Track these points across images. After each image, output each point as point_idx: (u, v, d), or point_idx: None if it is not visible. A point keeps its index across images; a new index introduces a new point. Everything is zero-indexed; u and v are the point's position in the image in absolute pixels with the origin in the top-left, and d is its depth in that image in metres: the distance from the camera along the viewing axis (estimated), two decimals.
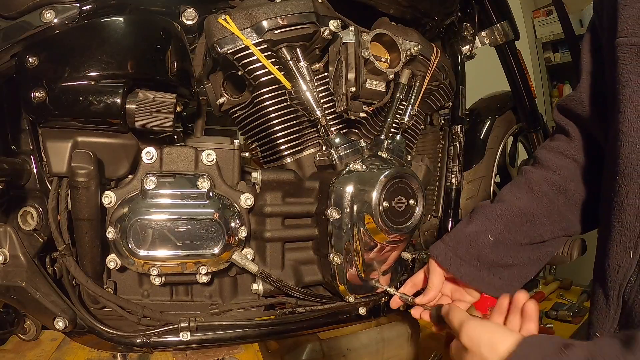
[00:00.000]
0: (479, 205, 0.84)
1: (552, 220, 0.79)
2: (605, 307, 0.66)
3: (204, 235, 0.80)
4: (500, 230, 0.78)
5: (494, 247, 0.77)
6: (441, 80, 1.13)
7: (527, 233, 0.78)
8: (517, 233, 0.78)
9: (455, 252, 0.79)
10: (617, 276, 0.63)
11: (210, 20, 0.90)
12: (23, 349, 1.54)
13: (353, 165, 0.88)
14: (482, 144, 1.37)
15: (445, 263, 0.79)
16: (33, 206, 0.83)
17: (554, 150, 0.82)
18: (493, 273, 0.78)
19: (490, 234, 0.78)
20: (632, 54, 0.59)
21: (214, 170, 0.84)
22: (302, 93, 0.90)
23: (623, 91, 0.60)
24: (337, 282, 0.90)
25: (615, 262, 0.63)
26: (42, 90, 0.74)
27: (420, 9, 1.10)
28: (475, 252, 0.78)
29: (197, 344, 0.87)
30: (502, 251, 0.78)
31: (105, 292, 0.83)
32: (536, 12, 3.00)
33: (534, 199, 0.79)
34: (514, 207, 0.79)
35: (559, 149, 0.81)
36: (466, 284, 0.79)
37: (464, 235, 0.80)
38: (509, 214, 0.79)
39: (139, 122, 0.77)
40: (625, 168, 0.61)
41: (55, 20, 0.76)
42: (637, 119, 0.59)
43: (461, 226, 0.82)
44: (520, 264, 0.79)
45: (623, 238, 0.62)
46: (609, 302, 0.65)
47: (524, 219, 0.78)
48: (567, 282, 2.30)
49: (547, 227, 0.79)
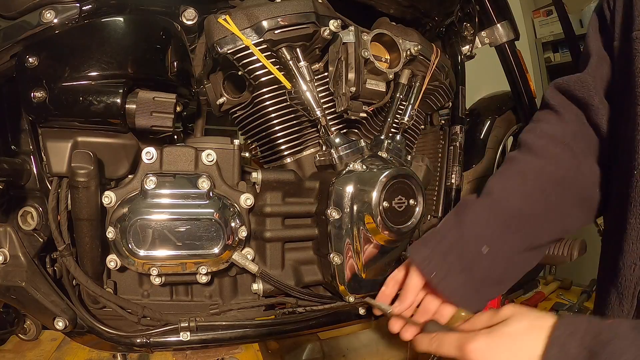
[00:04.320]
0: (467, 202, 0.73)
1: (550, 220, 0.71)
2: (619, 308, 0.62)
3: (204, 235, 0.80)
4: (496, 238, 0.68)
5: (488, 261, 0.68)
6: (441, 80, 1.13)
7: (524, 237, 0.70)
8: (514, 239, 0.69)
9: (442, 260, 0.69)
10: (633, 275, 0.60)
11: (210, 20, 0.90)
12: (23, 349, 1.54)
13: (353, 165, 0.88)
14: (482, 144, 1.37)
15: (428, 271, 0.69)
16: (33, 206, 0.83)
17: (545, 135, 0.73)
18: (477, 291, 0.69)
19: (486, 243, 0.68)
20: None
21: (214, 170, 0.84)
22: (302, 93, 0.90)
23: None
24: (337, 282, 0.90)
25: (630, 260, 0.60)
26: (42, 90, 0.74)
27: (420, 9, 1.10)
28: (466, 265, 0.68)
29: (197, 344, 0.87)
30: (496, 266, 0.69)
31: (105, 292, 0.83)
32: (536, 12, 3.00)
33: (528, 194, 0.70)
34: (508, 206, 0.70)
35: (552, 133, 0.73)
36: (447, 299, 0.69)
37: (453, 241, 0.69)
38: (503, 216, 0.69)
39: (139, 122, 0.77)
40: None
41: (55, 20, 0.76)
42: None
43: (449, 228, 0.72)
44: (506, 281, 0.71)
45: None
46: (623, 302, 0.62)
47: (521, 220, 0.69)
48: (567, 282, 2.30)
49: (545, 228, 0.71)
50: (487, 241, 0.68)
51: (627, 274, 0.61)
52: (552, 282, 2.32)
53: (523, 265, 0.72)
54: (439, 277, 0.68)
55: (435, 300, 0.72)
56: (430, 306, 0.72)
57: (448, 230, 0.72)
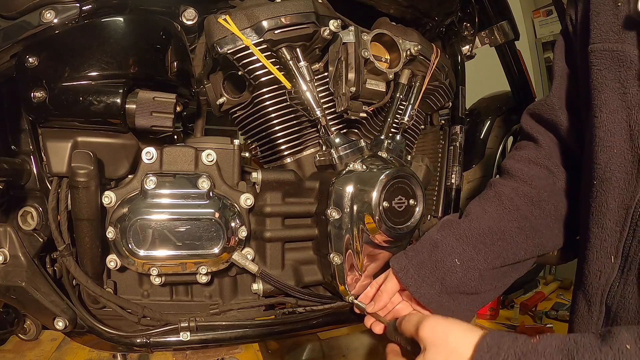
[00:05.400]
0: (447, 221, 0.81)
1: (525, 237, 0.75)
2: (588, 314, 0.64)
3: (204, 235, 0.80)
4: (469, 252, 0.75)
5: (460, 272, 0.74)
6: (441, 80, 1.13)
7: (498, 253, 0.75)
8: (487, 254, 0.74)
9: (418, 271, 0.76)
10: (599, 282, 0.62)
11: (210, 20, 0.90)
12: (23, 349, 1.54)
13: (353, 165, 0.88)
14: (482, 144, 1.37)
15: (405, 280, 0.77)
16: (33, 206, 0.83)
17: (523, 160, 0.79)
18: (453, 299, 0.75)
19: (458, 257, 0.75)
20: (606, 59, 0.59)
21: (214, 170, 0.84)
22: (302, 93, 0.90)
23: (599, 96, 0.60)
24: (337, 282, 0.90)
25: (596, 267, 0.62)
26: (42, 90, 0.74)
27: (420, 9, 1.10)
28: (439, 276, 0.75)
29: (197, 344, 0.87)
30: (469, 278, 0.75)
31: (105, 292, 0.83)
32: (536, 12, 3.00)
33: (504, 214, 0.76)
34: (482, 224, 0.75)
35: (528, 157, 0.78)
36: (423, 305, 0.77)
37: (429, 254, 0.77)
38: (477, 232, 0.75)
39: (139, 122, 0.77)
40: (603, 173, 0.60)
41: (55, 20, 0.76)
42: (613, 124, 0.59)
43: (427, 242, 0.79)
44: (484, 292, 0.76)
45: (604, 243, 0.61)
46: (592, 309, 0.63)
47: (494, 237, 0.75)
48: (567, 282, 2.30)
49: (520, 245, 0.75)
50: (458, 255, 0.75)
51: (593, 282, 0.63)
52: (552, 282, 2.32)
53: (501, 278, 0.77)
54: (415, 287, 0.76)
55: (409, 306, 0.81)
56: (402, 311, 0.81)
57: (426, 244, 0.79)
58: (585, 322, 0.65)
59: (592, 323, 0.64)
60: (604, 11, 0.60)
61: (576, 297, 0.68)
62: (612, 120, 0.59)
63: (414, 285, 0.76)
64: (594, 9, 0.61)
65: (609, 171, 0.59)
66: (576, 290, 0.69)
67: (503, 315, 1.99)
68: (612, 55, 0.58)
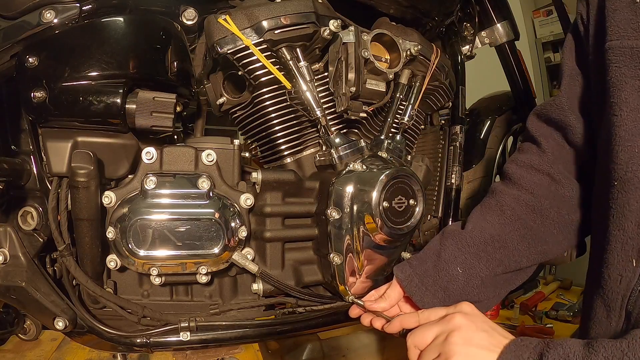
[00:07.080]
0: (449, 231, 0.81)
1: (527, 245, 0.75)
2: (606, 320, 0.62)
3: (204, 235, 0.80)
4: (470, 261, 0.75)
5: (462, 280, 0.75)
6: (441, 80, 1.13)
7: (500, 261, 0.75)
8: (489, 262, 0.75)
9: (421, 280, 0.77)
10: (620, 287, 0.59)
11: (210, 20, 0.90)
12: (23, 349, 1.54)
13: (353, 165, 0.88)
14: (482, 144, 1.37)
15: (409, 289, 0.77)
16: (33, 206, 0.83)
17: (525, 166, 0.78)
18: None
19: (460, 265, 0.75)
20: (625, 56, 0.58)
21: (214, 170, 0.84)
22: (302, 93, 0.90)
23: (618, 94, 0.59)
24: (337, 282, 0.90)
25: (616, 272, 0.60)
26: (42, 90, 0.74)
27: (420, 9, 1.10)
28: (442, 284, 0.76)
29: (197, 344, 0.87)
30: (471, 285, 0.75)
31: (105, 292, 0.83)
32: (536, 12, 3.00)
33: (505, 223, 0.76)
34: (484, 233, 0.76)
35: (531, 163, 0.78)
36: None
37: (432, 263, 0.78)
38: (479, 241, 0.76)
39: (139, 122, 0.77)
40: (624, 174, 0.58)
41: (55, 20, 0.76)
42: (634, 122, 0.57)
43: (431, 251, 0.80)
44: (487, 299, 0.77)
45: (625, 246, 0.58)
46: (611, 315, 0.61)
47: (496, 245, 0.75)
48: (567, 282, 2.30)
49: (522, 253, 0.76)
50: (460, 264, 0.75)
51: (613, 286, 0.60)
52: (552, 282, 2.32)
53: (503, 285, 0.78)
54: (419, 295, 0.77)
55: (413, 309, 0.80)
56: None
57: (429, 254, 0.80)
58: (603, 328, 0.62)
59: (611, 329, 0.61)
60: (621, 8, 0.59)
61: (592, 302, 0.65)
62: (632, 119, 0.57)
63: (418, 294, 0.77)
64: (610, 6, 0.60)
65: (630, 171, 0.58)
66: (592, 295, 0.66)
67: (503, 315, 1.99)
68: (632, 52, 0.57)
